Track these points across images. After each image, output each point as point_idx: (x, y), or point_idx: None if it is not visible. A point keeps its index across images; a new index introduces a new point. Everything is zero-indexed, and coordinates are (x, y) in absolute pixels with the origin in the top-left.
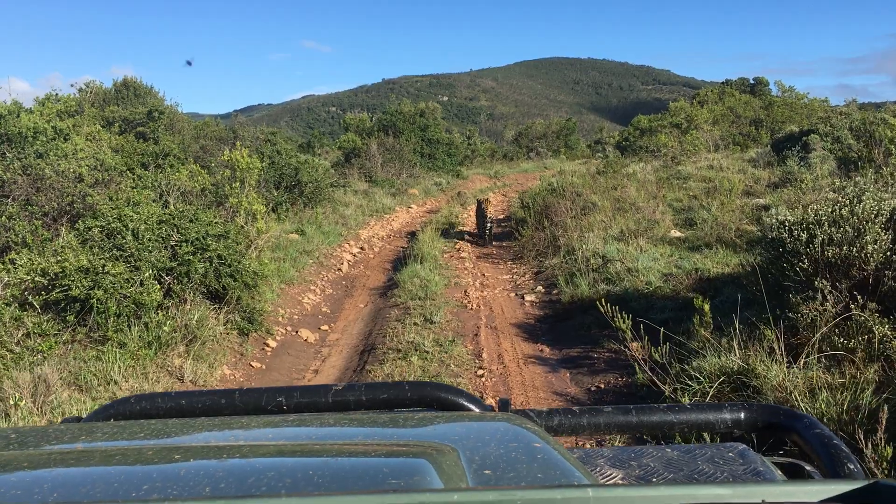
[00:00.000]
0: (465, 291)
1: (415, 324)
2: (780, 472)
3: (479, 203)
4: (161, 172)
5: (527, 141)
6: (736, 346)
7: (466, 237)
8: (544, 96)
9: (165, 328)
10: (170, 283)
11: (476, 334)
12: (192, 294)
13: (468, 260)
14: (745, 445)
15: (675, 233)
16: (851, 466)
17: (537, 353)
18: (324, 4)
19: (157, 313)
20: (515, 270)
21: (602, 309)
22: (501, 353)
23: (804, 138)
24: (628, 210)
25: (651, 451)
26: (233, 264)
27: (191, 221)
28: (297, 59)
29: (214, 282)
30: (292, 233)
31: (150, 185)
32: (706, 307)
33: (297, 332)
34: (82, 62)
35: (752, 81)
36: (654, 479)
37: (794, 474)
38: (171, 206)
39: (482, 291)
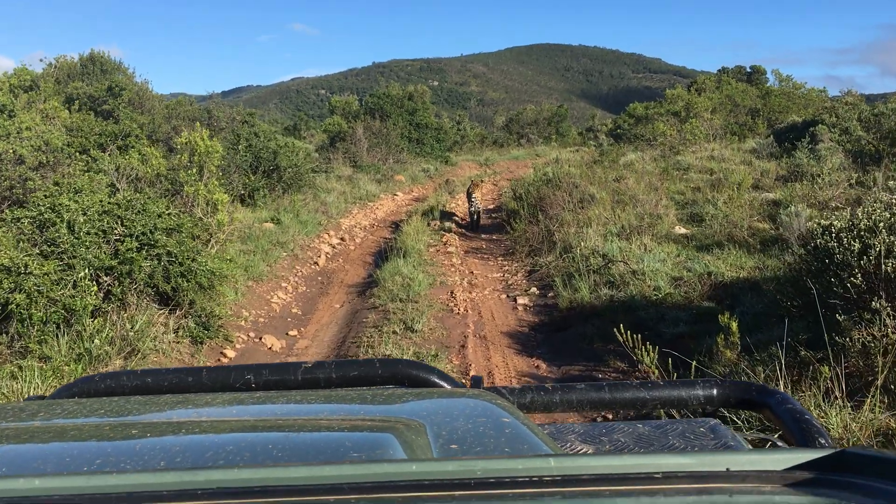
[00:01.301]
0: (452, 292)
1: (394, 332)
2: (750, 446)
3: (471, 186)
4: (119, 155)
5: (518, 127)
6: (782, 383)
7: (454, 229)
8: (535, 83)
9: (97, 340)
10: (109, 285)
11: (463, 345)
12: (136, 297)
13: (455, 255)
14: (716, 420)
15: (680, 229)
16: (822, 441)
17: (533, 371)
18: None
19: (94, 320)
20: (507, 268)
21: (621, 337)
22: (492, 369)
23: (811, 129)
24: (628, 203)
25: (622, 427)
26: (185, 262)
27: (138, 213)
28: (286, 41)
29: (163, 283)
30: (267, 221)
31: (105, 168)
32: (734, 325)
33: (260, 338)
34: (67, 41)
35: (748, 70)
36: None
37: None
38: (120, 194)
39: (470, 293)
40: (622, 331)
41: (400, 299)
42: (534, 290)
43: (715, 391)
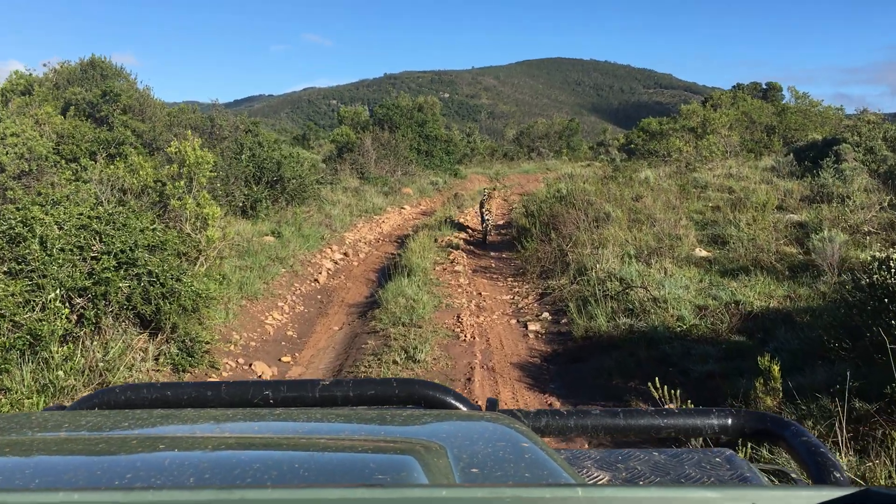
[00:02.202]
0: (458, 316)
1: (394, 361)
2: (766, 478)
3: (483, 198)
4: (106, 164)
5: (528, 141)
6: (843, 448)
7: (462, 245)
8: (545, 96)
9: (61, 372)
10: (82, 307)
11: (469, 378)
12: (112, 321)
13: (463, 274)
14: (732, 451)
15: (702, 252)
16: (838, 475)
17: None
18: None
19: (64, 346)
20: (517, 290)
21: (656, 393)
22: (500, 406)
23: (834, 148)
24: (645, 222)
25: (638, 455)
26: (167, 283)
27: (119, 228)
28: (299, 51)
29: (142, 305)
30: (267, 235)
31: (94, 178)
32: (775, 369)
33: (250, 365)
34: (83, 48)
35: (764, 86)
36: (641, 482)
37: (780, 481)
38: (102, 207)
39: (478, 317)
40: (657, 385)
41: (402, 323)
42: (546, 315)
43: (730, 421)
